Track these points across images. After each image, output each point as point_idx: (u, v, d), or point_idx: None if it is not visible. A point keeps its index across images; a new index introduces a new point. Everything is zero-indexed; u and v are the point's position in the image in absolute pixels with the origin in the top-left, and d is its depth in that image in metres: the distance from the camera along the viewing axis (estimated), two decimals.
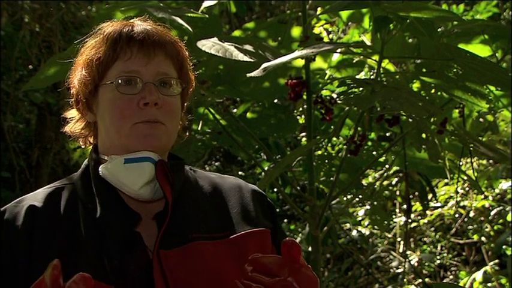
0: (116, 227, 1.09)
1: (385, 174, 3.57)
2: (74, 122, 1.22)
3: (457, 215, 4.94)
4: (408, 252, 4.86)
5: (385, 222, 4.06)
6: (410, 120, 2.21)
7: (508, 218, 4.38)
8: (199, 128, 3.01)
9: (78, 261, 1.04)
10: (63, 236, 1.07)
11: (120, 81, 1.12)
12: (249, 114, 2.94)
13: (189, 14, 2.04)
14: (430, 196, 3.83)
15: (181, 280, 1.06)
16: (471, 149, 2.20)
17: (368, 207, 4.15)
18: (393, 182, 4.29)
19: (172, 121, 1.16)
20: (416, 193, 3.83)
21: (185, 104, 1.25)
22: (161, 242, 1.08)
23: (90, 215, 1.10)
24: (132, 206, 1.13)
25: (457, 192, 4.62)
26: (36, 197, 1.13)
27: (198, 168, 1.30)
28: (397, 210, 4.98)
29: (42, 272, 0.97)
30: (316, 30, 3.65)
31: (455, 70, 1.99)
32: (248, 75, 1.74)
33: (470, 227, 4.86)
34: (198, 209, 1.17)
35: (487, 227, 4.71)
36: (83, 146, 1.25)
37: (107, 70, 1.14)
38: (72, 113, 1.23)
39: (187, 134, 1.31)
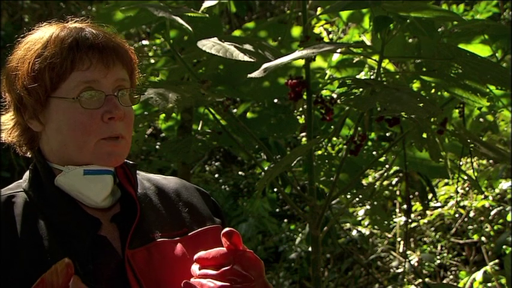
0: (81, 233, 1.07)
1: (385, 174, 3.57)
2: (10, 128, 1.15)
3: (457, 215, 4.94)
4: (408, 252, 4.85)
5: (385, 222, 4.06)
6: (410, 120, 2.21)
7: (508, 218, 4.38)
8: (199, 128, 3.01)
9: (46, 270, 0.99)
10: (27, 247, 1.04)
11: (82, 96, 1.07)
12: (249, 114, 2.94)
13: (190, 14, 2.04)
14: (430, 196, 3.83)
15: (149, 278, 1.08)
16: (471, 149, 2.20)
17: (368, 207, 4.15)
18: (393, 182, 4.29)
19: (131, 132, 1.14)
20: (416, 193, 3.83)
21: None
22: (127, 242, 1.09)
23: (50, 223, 1.07)
24: (90, 212, 1.11)
25: (457, 192, 4.62)
26: None
27: (141, 171, 1.29)
28: (397, 210, 4.98)
29: (9, 281, 0.98)
30: (316, 30, 3.65)
31: (455, 70, 1.99)
32: (249, 75, 1.73)
33: (470, 227, 4.86)
34: (153, 209, 1.18)
35: (487, 227, 4.71)
36: (20, 153, 1.17)
37: (61, 81, 1.07)
38: (7, 118, 1.15)
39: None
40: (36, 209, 1.09)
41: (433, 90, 2.46)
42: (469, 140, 2.19)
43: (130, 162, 1.20)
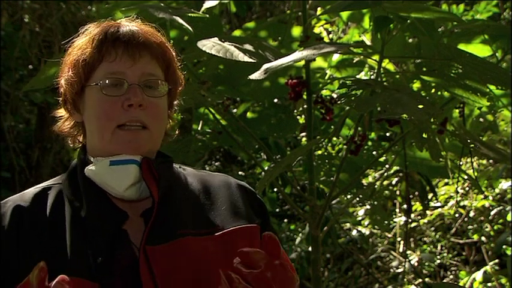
0: (102, 224, 1.10)
1: (385, 174, 3.57)
2: (62, 121, 1.23)
3: (457, 215, 4.94)
4: (408, 252, 4.86)
5: (385, 222, 4.06)
6: (411, 121, 2.21)
7: (508, 218, 4.39)
8: (199, 128, 3.01)
9: (63, 259, 1.05)
10: (49, 236, 1.08)
11: (105, 82, 1.13)
12: (249, 114, 2.94)
13: (190, 14, 2.04)
14: (430, 196, 3.83)
15: (168, 275, 1.07)
16: (471, 149, 2.20)
17: (368, 207, 4.14)
18: (393, 182, 4.29)
19: (157, 123, 1.16)
20: (416, 193, 3.83)
21: (174, 103, 1.26)
22: (148, 238, 1.09)
23: (77, 213, 1.11)
24: (120, 205, 1.14)
25: (457, 192, 4.62)
26: (23, 197, 1.14)
27: (188, 167, 1.30)
28: (397, 210, 4.98)
29: (29, 272, 1.01)
30: (317, 30, 3.65)
31: (455, 70, 1.99)
32: (249, 77, 1.73)
33: (470, 226, 4.86)
34: (186, 206, 1.18)
35: (487, 227, 4.71)
36: (71, 145, 1.26)
37: (92, 71, 1.15)
38: (61, 112, 1.24)
39: (177, 132, 1.31)
40: (67, 200, 1.14)
41: (433, 90, 2.46)
42: (469, 140, 2.19)
43: (164, 156, 1.22)
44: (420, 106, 1.70)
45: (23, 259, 1.06)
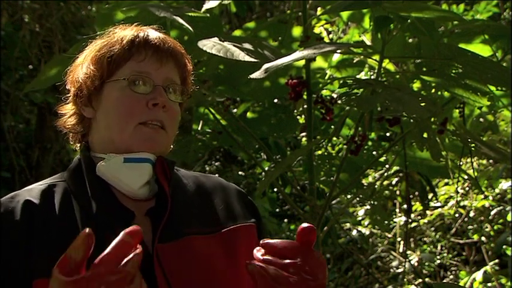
0: (112, 223, 1.11)
1: (385, 174, 3.57)
2: (67, 116, 1.25)
3: (457, 215, 4.94)
4: (408, 252, 4.86)
5: (385, 222, 4.07)
6: (411, 120, 2.21)
7: (508, 218, 4.39)
8: (199, 128, 3.01)
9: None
10: (60, 233, 1.09)
11: (132, 79, 1.16)
12: (249, 114, 2.94)
13: (190, 14, 2.04)
14: (430, 196, 3.83)
15: (177, 273, 1.09)
16: (472, 148, 2.20)
17: (368, 207, 4.15)
18: (393, 182, 4.29)
19: (173, 127, 1.20)
20: (416, 193, 3.83)
21: None
22: (158, 236, 1.11)
23: (85, 211, 1.12)
24: (126, 204, 1.15)
25: (457, 192, 4.62)
26: (31, 193, 1.14)
27: (181, 168, 1.33)
28: (397, 210, 4.98)
29: (41, 267, 1.03)
30: (317, 30, 3.65)
31: (455, 69, 1.99)
32: (249, 76, 1.73)
33: (470, 227, 4.86)
34: (188, 205, 1.21)
35: (487, 227, 4.71)
36: (72, 142, 1.27)
37: (118, 68, 1.18)
38: (67, 108, 1.25)
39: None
40: (74, 197, 1.14)
41: (433, 90, 2.46)
42: (469, 140, 2.19)
43: (169, 159, 1.24)
44: (422, 104, 1.70)
45: (33, 255, 1.06)
